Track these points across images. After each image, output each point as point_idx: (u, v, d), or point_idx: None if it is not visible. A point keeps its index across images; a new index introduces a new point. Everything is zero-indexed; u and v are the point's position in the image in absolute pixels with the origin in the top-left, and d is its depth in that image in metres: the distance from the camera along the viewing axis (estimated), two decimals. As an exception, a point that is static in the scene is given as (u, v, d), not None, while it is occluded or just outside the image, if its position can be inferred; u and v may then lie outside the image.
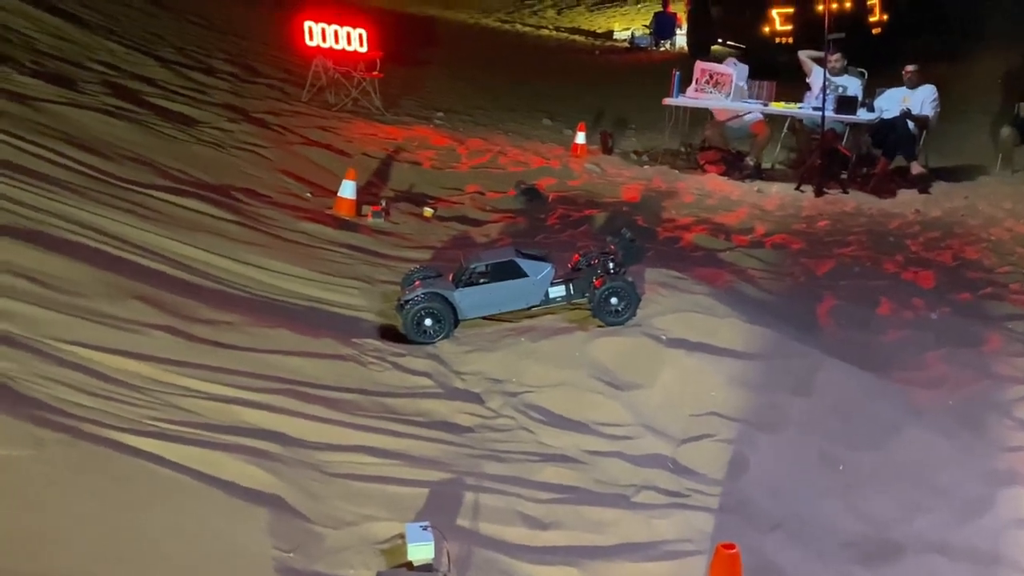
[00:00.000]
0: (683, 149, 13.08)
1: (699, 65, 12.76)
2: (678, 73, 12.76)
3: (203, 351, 4.82)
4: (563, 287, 6.06)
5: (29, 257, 4.97)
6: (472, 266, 6.00)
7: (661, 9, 27.29)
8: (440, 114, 14.42)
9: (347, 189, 8.56)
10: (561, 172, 11.55)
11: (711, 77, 12.42)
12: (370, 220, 8.46)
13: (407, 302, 5.80)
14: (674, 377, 5.17)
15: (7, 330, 4.21)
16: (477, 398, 5.13)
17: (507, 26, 29.75)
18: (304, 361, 5.13)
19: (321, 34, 13.33)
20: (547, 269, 6.03)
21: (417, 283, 5.97)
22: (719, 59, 13.87)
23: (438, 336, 5.78)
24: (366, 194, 9.10)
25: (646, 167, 12.55)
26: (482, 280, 5.96)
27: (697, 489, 4.35)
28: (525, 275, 5.98)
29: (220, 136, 9.58)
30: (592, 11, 32.04)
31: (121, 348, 4.50)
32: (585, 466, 4.47)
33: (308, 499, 3.81)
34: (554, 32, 29.14)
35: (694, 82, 12.59)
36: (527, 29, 29.29)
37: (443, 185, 10.49)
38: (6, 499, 3.27)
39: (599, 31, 29.23)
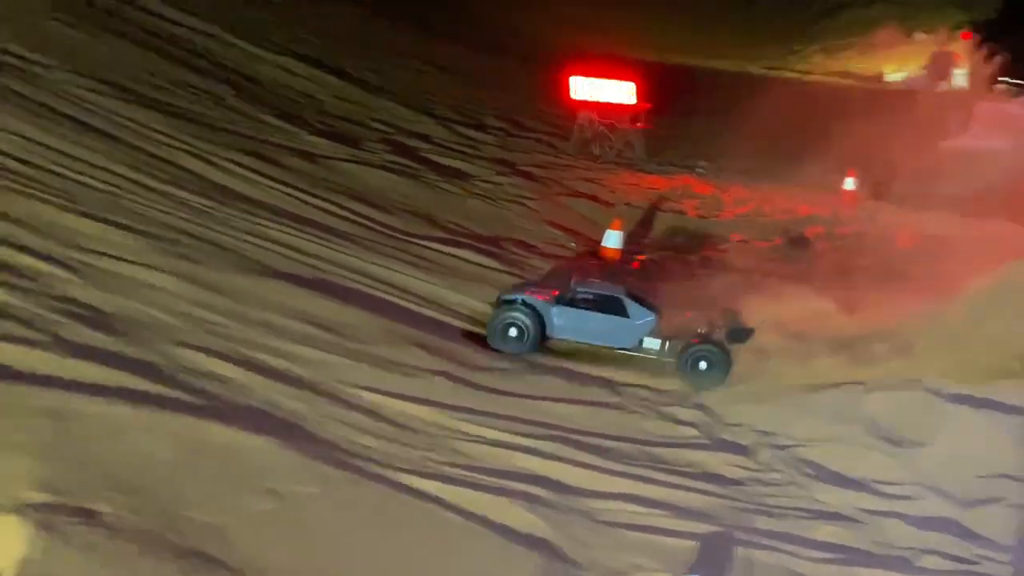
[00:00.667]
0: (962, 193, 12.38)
1: (980, 106, 12.11)
2: (955, 118, 12.14)
3: (479, 397, 4.99)
4: (659, 341, 6.01)
5: (320, 305, 5.32)
6: (579, 289, 6.06)
7: (937, 48, 26.10)
8: (703, 163, 14.33)
9: (612, 239, 8.63)
10: (830, 219, 11.19)
11: (996, 119, 11.75)
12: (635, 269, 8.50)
13: (504, 302, 5.86)
14: (957, 435, 4.87)
15: (301, 374, 4.51)
16: (745, 450, 5.03)
17: (773, 72, 29.30)
18: (573, 408, 5.22)
19: (588, 88, 13.56)
20: (649, 318, 6.00)
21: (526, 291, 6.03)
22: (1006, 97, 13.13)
23: (520, 349, 5.81)
24: (630, 243, 9.15)
25: (920, 213, 11.96)
26: (583, 305, 5.99)
27: (987, 556, 4.08)
28: (627, 316, 5.98)
29: (491, 189, 9.94)
30: (863, 54, 31.00)
31: (403, 393, 4.73)
32: (862, 526, 4.29)
33: (579, 546, 3.85)
34: (822, 76, 28.42)
35: (975, 124, 11.95)
36: (794, 75, 28.74)
37: (707, 234, 10.39)
38: (293, 533, 3.48)
39: (870, 74, 28.23)
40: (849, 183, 12.49)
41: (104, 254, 4.93)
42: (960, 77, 24.32)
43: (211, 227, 5.97)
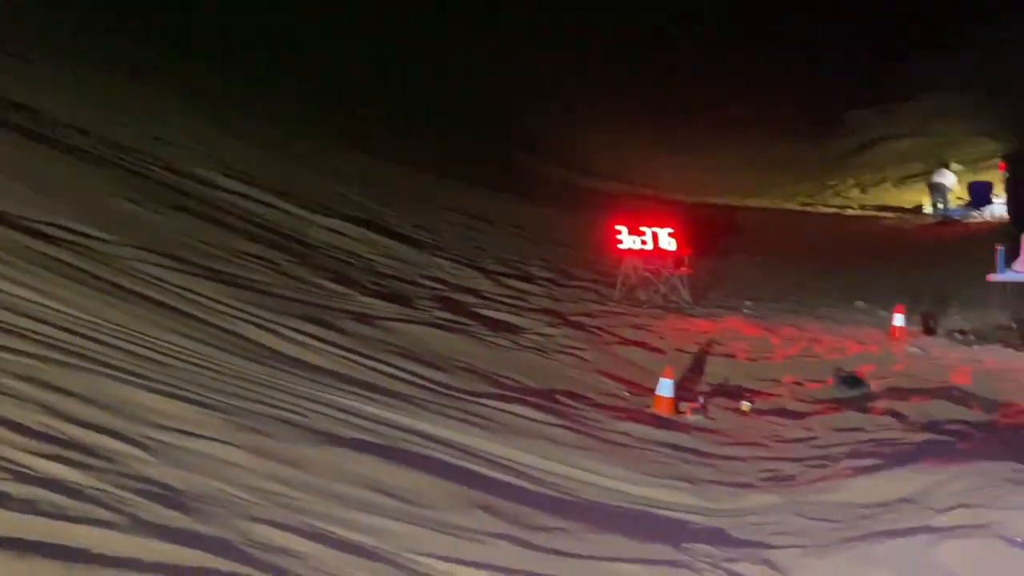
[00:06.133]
0: (1015, 325, 12.33)
1: (1024, 239, 12.16)
2: (1002, 248, 12.19)
3: (543, 560, 4.97)
4: None
5: (385, 471, 5.38)
6: None
7: (976, 177, 26.30)
8: (749, 303, 14.43)
9: (665, 387, 8.69)
10: (881, 357, 11.18)
11: (1042, 249, 11.79)
12: (689, 417, 8.52)
13: None
14: (1036, 585, 4.77)
15: (370, 544, 4.54)
16: (818, 609, 4.94)
17: (809, 208, 29.59)
18: (638, 568, 5.16)
19: (632, 236, 13.82)
20: None
21: None
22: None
23: None
24: (682, 390, 9.18)
25: (975, 347, 11.91)
26: None
27: None
28: None
29: (541, 341, 10.07)
30: (898, 186, 31.31)
31: (469, 559, 4.73)
32: None
33: None
34: (859, 211, 28.66)
35: (1022, 255, 11.97)
36: (831, 210, 28.99)
37: (758, 377, 10.42)
38: None
39: (907, 206, 28.44)
40: (898, 319, 12.49)
41: (175, 430, 5.04)
42: (999, 206, 24.43)
43: (275, 397, 6.09)
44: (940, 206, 25.59)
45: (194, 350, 6.62)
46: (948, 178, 25.65)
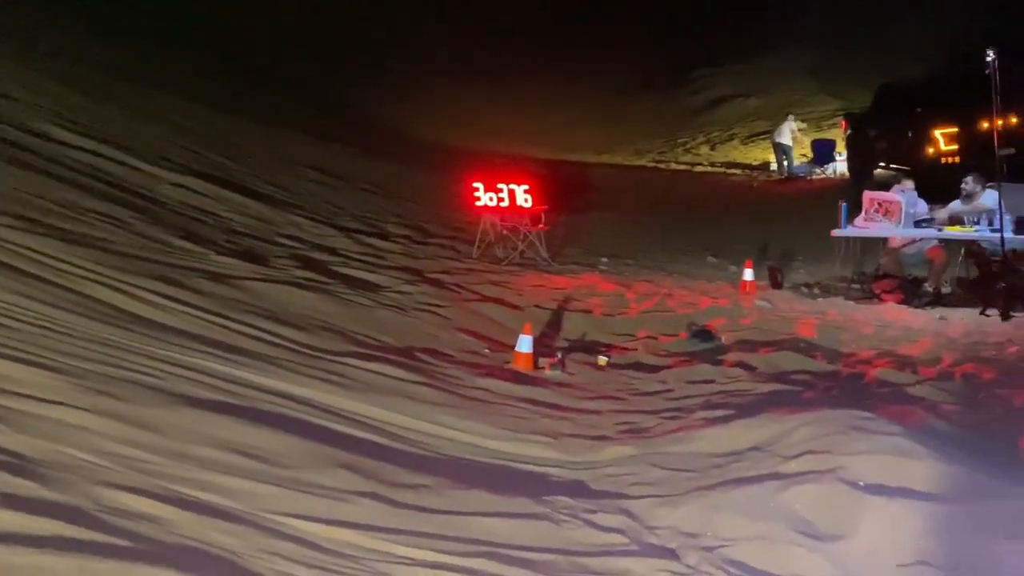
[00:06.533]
0: (856, 279, 12.88)
1: (867, 195, 12.67)
2: (844, 204, 12.69)
3: (406, 516, 4.98)
4: None
5: (244, 432, 5.29)
6: None
7: (820, 135, 27.27)
8: (605, 259, 14.67)
9: (524, 343, 8.77)
10: (732, 311, 11.52)
11: (879, 206, 12.30)
12: (547, 373, 8.62)
13: None
14: (876, 526, 5.01)
15: (230, 507, 4.46)
16: (672, 554, 5.08)
17: (661, 165, 30.19)
18: (500, 522, 5.22)
19: (489, 193, 13.85)
20: None
21: None
22: (885, 183, 13.77)
23: None
24: (541, 346, 9.28)
25: (819, 300, 12.41)
26: None
27: (913, 644, 4.20)
28: None
29: (400, 299, 10.02)
30: (746, 144, 32.23)
31: (332, 518, 4.70)
32: (793, 623, 4.37)
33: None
34: (709, 167, 29.40)
35: (863, 212, 12.48)
36: (682, 167, 29.64)
37: (614, 332, 10.62)
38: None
39: (755, 163, 29.32)
40: (748, 273, 12.88)
41: (21, 395, 4.83)
42: (841, 164, 25.42)
43: (127, 359, 5.89)
44: (785, 163, 26.46)
45: (39, 312, 6.35)
46: (786, 136, 26.50)
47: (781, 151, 26.58)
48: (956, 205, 12.39)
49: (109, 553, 3.70)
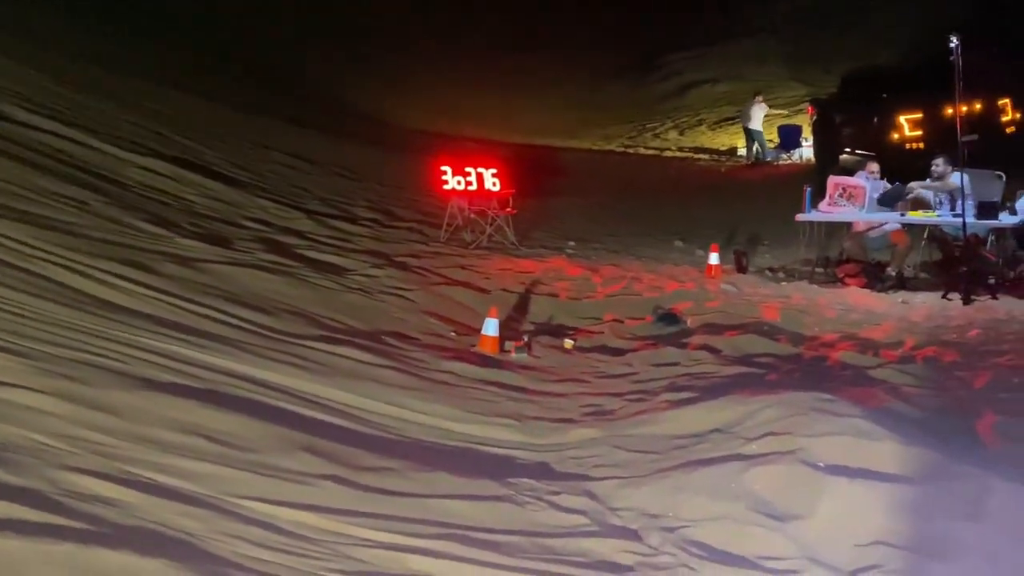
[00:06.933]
0: (820, 263, 12.98)
1: (831, 180, 12.76)
2: (809, 189, 12.77)
3: (370, 499, 4.98)
4: None
5: (206, 416, 5.27)
6: None
7: (785, 122, 27.36)
8: (572, 243, 14.70)
9: (490, 327, 8.78)
10: (697, 294, 11.58)
11: (844, 190, 12.39)
12: (513, 356, 8.64)
13: None
14: (835, 506, 5.07)
15: (190, 490, 4.45)
16: (635, 535, 5.12)
17: (630, 150, 30.23)
18: (464, 504, 5.24)
19: (456, 177, 13.83)
20: None
21: None
22: (850, 169, 13.87)
23: None
24: (507, 329, 9.30)
25: (783, 284, 12.50)
26: None
27: (870, 622, 4.25)
28: None
29: (367, 282, 10.00)
30: (714, 129, 32.32)
31: (295, 501, 4.70)
32: (752, 602, 4.42)
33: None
34: (677, 152, 29.46)
35: (827, 196, 12.57)
36: (651, 152, 29.69)
37: (581, 315, 10.65)
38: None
39: (723, 148, 29.41)
40: (714, 257, 12.95)
41: (-22, 379, 4.80)
42: (807, 149, 25.54)
43: (88, 342, 5.85)
44: (756, 149, 26.52)
45: (2, 295, 6.29)
46: (756, 120, 26.54)
47: (751, 136, 26.64)
48: (927, 183, 12.48)
49: (69, 536, 3.68)
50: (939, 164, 12.30)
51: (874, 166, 13.02)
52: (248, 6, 32.20)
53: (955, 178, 12.05)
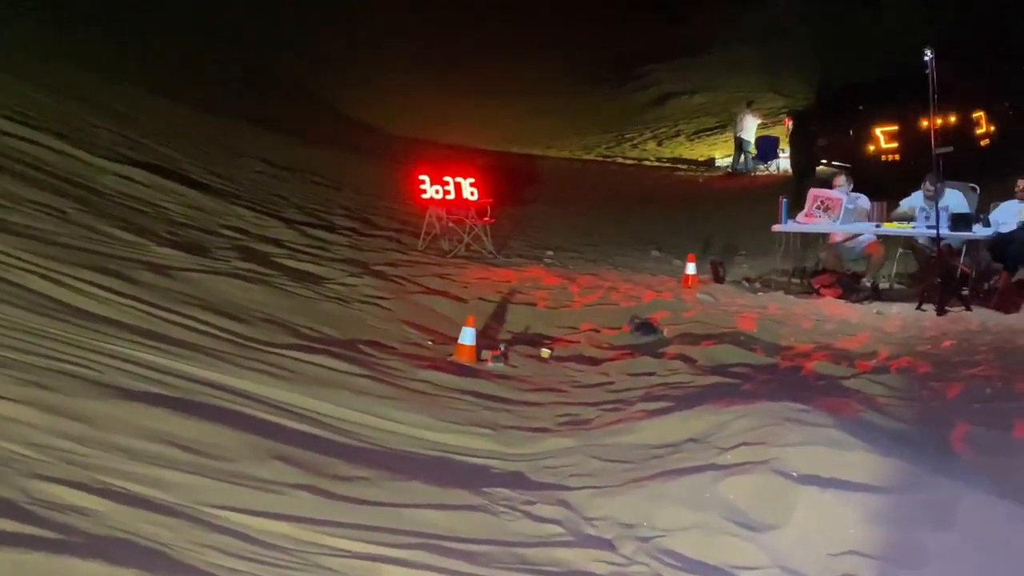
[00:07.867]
0: (796, 274, 13.06)
1: (811, 192, 12.85)
2: (785, 200, 12.85)
3: (343, 508, 4.97)
4: None
5: (180, 425, 5.24)
6: None
7: (763, 133, 27.50)
8: (550, 252, 14.72)
9: (467, 336, 8.78)
10: (674, 304, 11.62)
11: (822, 203, 12.47)
12: (490, 365, 8.64)
13: None
14: (808, 515, 5.09)
15: (163, 499, 4.43)
16: (609, 544, 5.13)
17: (609, 159, 30.33)
18: (438, 513, 5.23)
19: (435, 186, 13.85)
20: None
21: None
22: (827, 180, 13.97)
23: None
24: (484, 338, 9.30)
25: (760, 294, 12.56)
26: None
27: (841, 631, 4.27)
28: None
29: (344, 291, 9.98)
30: (692, 140, 32.47)
31: (268, 510, 4.68)
32: (724, 611, 4.43)
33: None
34: (656, 163, 29.58)
35: (806, 208, 12.65)
36: (629, 161, 29.79)
37: (558, 324, 10.66)
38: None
39: (700, 159, 29.55)
40: (691, 267, 13.00)
41: (-52, 386, 4.76)
42: (784, 160, 25.71)
43: (60, 350, 5.82)
44: (743, 159, 26.59)
45: (-31, 303, 6.26)
46: (748, 131, 26.65)
47: (740, 146, 26.69)
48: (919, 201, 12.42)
49: (39, 546, 3.66)
50: (930, 186, 12.19)
51: (841, 179, 13.08)
52: (224, 11, 32.11)
53: (950, 195, 12.11)
